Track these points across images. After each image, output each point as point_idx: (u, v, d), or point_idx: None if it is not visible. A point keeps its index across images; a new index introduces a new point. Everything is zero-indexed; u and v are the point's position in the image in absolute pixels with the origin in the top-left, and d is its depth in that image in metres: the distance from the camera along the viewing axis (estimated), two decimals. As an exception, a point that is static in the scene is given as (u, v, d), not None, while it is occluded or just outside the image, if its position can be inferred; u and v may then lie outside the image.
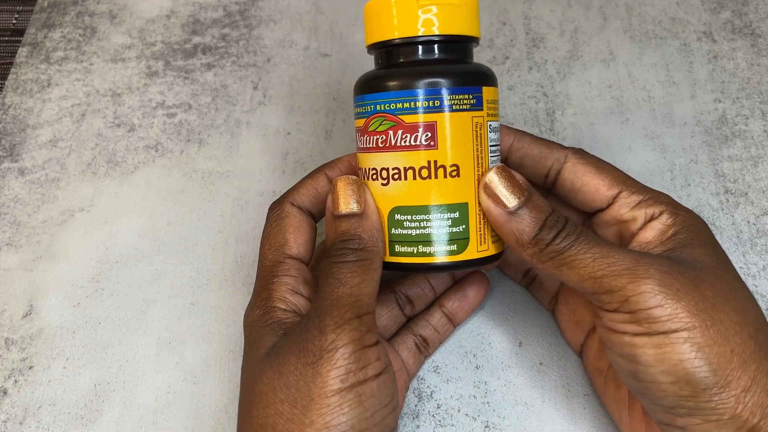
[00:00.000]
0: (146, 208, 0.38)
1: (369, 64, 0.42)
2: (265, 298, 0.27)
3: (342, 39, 0.43)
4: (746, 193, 0.37)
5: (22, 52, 0.44)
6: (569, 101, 0.40)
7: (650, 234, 0.27)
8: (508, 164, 0.30)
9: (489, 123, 0.27)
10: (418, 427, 0.31)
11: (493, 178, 0.26)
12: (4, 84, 0.43)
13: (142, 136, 0.40)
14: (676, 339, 0.23)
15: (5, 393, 0.32)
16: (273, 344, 0.25)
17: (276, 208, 0.29)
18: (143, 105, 0.41)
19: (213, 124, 0.40)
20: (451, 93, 0.26)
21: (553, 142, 0.29)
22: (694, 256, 0.25)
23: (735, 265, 0.32)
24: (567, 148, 0.29)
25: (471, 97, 0.26)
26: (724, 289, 0.25)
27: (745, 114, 0.39)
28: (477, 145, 0.27)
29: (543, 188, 0.30)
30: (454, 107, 0.26)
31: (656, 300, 0.23)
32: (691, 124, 0.39)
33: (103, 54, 0.44)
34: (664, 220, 0.27)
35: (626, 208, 0.27)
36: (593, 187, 0.28)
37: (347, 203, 0.26)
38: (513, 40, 0.43)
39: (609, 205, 0.28)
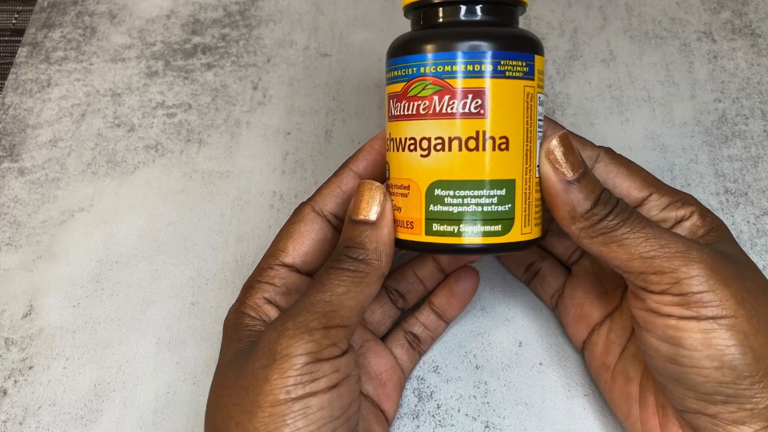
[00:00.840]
0: (146, 208, 0.38)
1: (369, 63, 0.42)
2: (241, 302, 0.27)
3: (342, 39, 0.43)
4: (746, 193, 0.37)
5: (22, 52, 0.44)
6: (569, 101, 0.40)
7: (681, 232, 0.27)
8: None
9: (539, 95, 0.26)
10: (418, 427, 0.31)
11: (556, 145, 0.25)
12: (4, 84, 0.43)
13: (142, 136, 0.40)
14: (723, 325, 0.23)
15: (5, 393, 0.32)
16: (239, 349, 0.25)
17: (297, 209, 0.29)
18: (143, 105, 0.41)
19: (213, 124, 0.40)
20: (505, 57, 0.24)
21: (585, 139, 0.29)
22: (729, 252, 0.26)
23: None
24: (598, 147, 0.29)
25: (524, 64, 0.25)
26: (761, 284, 0.25)
27: (745, 114, 0.39)
28: (527, 117, 0.25)
29: None
30: (506, 73, 0.24)
31: (708, 285, 0.24)
32: (691, 124, 0.39)
33: (103, 54, 0.44)
34: (694, 220, 0.27)
35: (656, 209, 0.28)
36: (625, 188, 0.28)
37: (365, 209, 0.26)
38: (513, 40, 0.43)
39: (638, 206, 0.28)
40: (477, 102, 0.24)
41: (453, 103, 0.24)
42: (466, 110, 0.24)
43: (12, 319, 0.34)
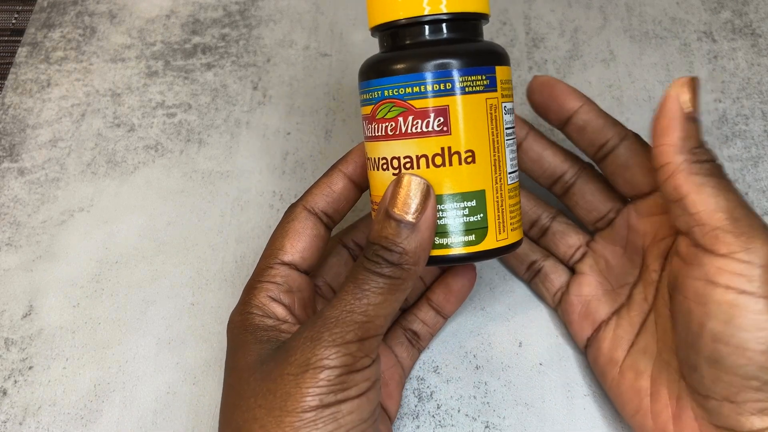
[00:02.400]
0: (146, 208, 0.38)
1: (369, 64, 0.42)
2: (245, 303, 0.27)
3: (342, 39, 0.43)
4: (746, 193, 0.37)
5: (22, 52, 0.44)
6: (569, 101, 0.40)
7: None
8: (569, 127, 0.31)
9: (504, 104, 0.26)
10: (418, 427, 0.31)
11: (691, 81, 0.26)
12: (3, 84, 0.43)
13: (142, 136, 0.40)
14: None
15: (5, 393, 0.32)
16: (262, 349, 0.25)
17: (288, 210, 0.29)
18: (143, 105, 0.41)
19: (213, 124, 0.40)
20: (463, 74, 0.25)
21: (617, 121, 0.30)
22: None
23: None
24: (628, 129, 0.30)
25: (484, 77, 0.25)
26: None
27: (745, 114, 0.39)
28: (492, 128, 0.26)
29: (591, 159, 0.31)
30: (466, 89, 0.25)
31: None
32: (691, 124, 0.39)
33: (102, 54, 0.44)
34: None
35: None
36: (646, 168, 0.28)
37: (406, 207, 0.24)
38: (513, 39, 0.43)
39: (652, 191, 0.28)
40: (440, 120, 0.25)
41: (417, 123, 0.25)
42: (430, 129, 0.25)
43: (12, 319, 0.34)
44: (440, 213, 0.25)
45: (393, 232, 0.24)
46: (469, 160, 0.25)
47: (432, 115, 0.25)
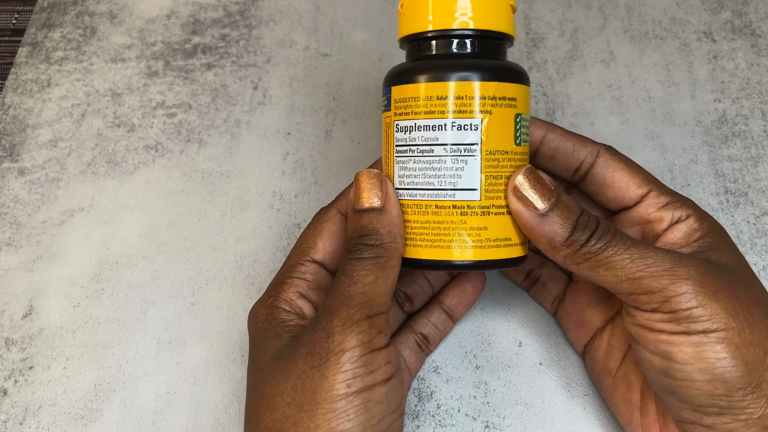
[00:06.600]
0: (146, 208, 0.38)
1: (369, 63, 0.42)
2: (273, 297, 0.27)
3: (342, 39, 0.43)
4: (746, 193, 0.37)
5: (22, 52, 0.44)
6: (569, 101, 0.40)
7: (676, 235, 0.27)
8: (539, 156, 0.30)
9: (396, 123, 0.27)
10: (418, 427, 0.31)
11: (522, 181, 0.26)
12: (4, 84, 0.43)
13: (142, 136, 0.40)
14: (714, 338, 0.23)
15: (5, 393, 0.32)
16: (280, 346, 0.25)
17: (321, 211, 0.29)
18: (143, 105, 0.41)
19: (213, 124, 0.40)
20: (383, 95, 0.28)
21: (585, 137, 0.29)
22: (722, 260, 0.26)
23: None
24: (599, 144, 0.29)
25: (385, 99, 0.28)
26: (755, 293, 0.25)
27: (745, 114, 0.39)
28: (386, 144, 0.28)
29: (569, 183, 0.31)
30: (382, 108, 0.28)
31: (697, 300, 0.24)
32: (691, 124, 0.39)
33: (103, 54, 0.44)
34: (691, 223, 0.27)
35: (654, 208, 0.28)
36: (624, 183, 0.28)
37: (368, 197, 0.26)
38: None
39: (636, 204, 0.28)
40: None
41: None
42: None
43: (12, 319, 0.34)
44: None
45: (365, 221, 0.26)
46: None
47: None
